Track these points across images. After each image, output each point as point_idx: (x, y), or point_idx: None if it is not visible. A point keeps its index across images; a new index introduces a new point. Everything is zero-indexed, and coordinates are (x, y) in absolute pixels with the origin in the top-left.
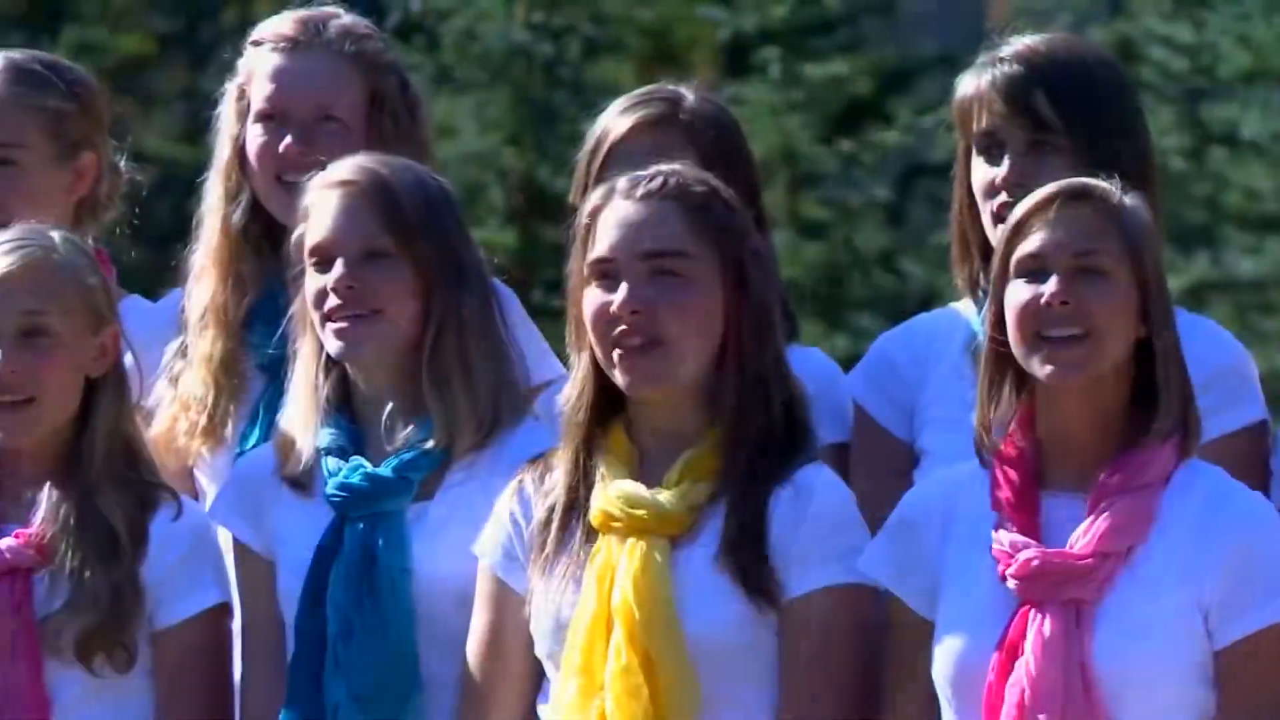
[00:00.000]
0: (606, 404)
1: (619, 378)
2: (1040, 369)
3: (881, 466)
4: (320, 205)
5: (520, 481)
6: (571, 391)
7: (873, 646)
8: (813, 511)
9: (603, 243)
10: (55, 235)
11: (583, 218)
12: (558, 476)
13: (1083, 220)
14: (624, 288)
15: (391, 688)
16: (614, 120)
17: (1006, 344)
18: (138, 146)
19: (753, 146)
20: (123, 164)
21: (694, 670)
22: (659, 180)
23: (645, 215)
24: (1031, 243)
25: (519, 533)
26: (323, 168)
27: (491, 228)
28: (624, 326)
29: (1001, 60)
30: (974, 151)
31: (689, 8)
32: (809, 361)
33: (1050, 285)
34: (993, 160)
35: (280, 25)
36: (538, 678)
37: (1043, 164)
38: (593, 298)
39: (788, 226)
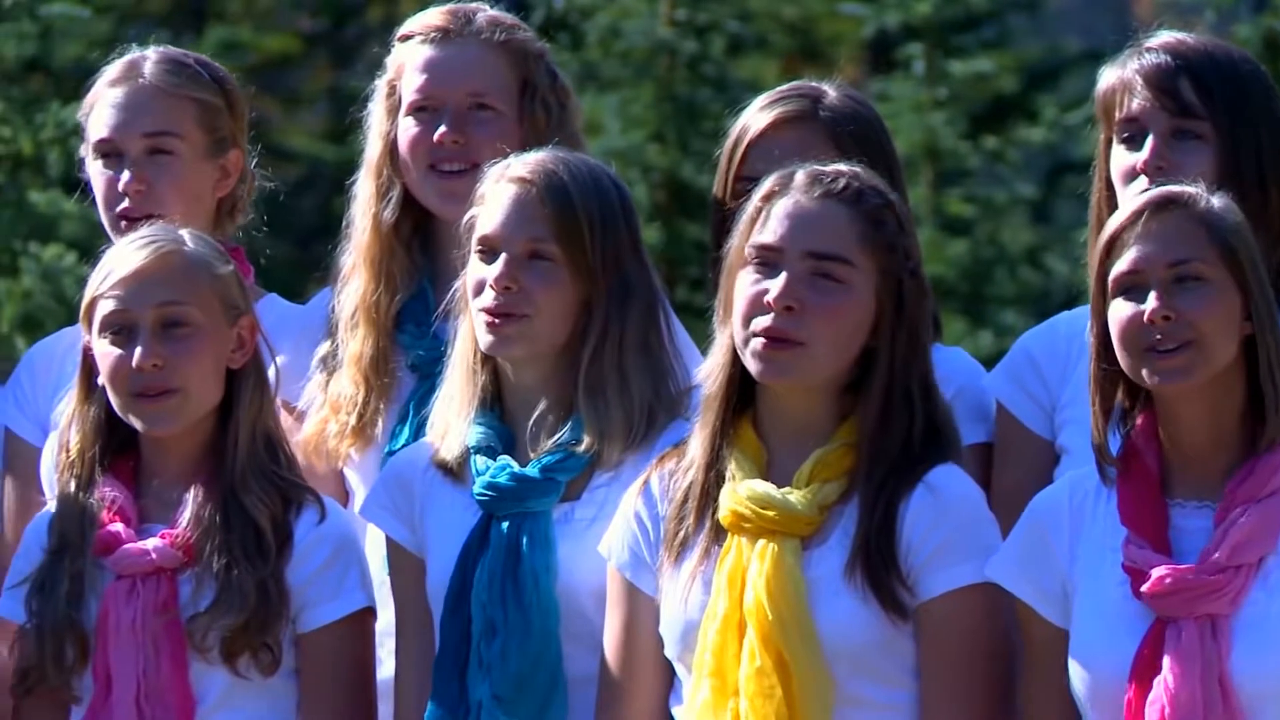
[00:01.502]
0: (741, 389)
1: (751, 364)
2: (1150, 378)
3: (1024, 465)
4: (495, 196)
5: (646, 480)
6: (712, 367)
7: (1012, 645)
8: (947, 512)
9: (771, 231)
10: (183, 231)
11: (756, 200)
12: (694, 456)
13: (1172, 229)
14: (782, 280)
15: (534, 687)
16: (754, 116)
17: (1112, 365)
18: (281, 145)
19: (897, 143)
20: (253, 168)
21: (827, 671)
22: (840, 182)
23: (818, 214)
24: (1125, 260)
25: (645, 533)
26: (504, 156)
27: None
28: (770, 321)
29: (1147, 50)
30: (1115, 140)
31: (833, 4)
32: (953, 361)
33: (1150, 302)
34: (1134, 146)
35: (429, 18)
36: (671, 676)
37: (1184, 151)
38: (747, 281)
39: (932, 223)
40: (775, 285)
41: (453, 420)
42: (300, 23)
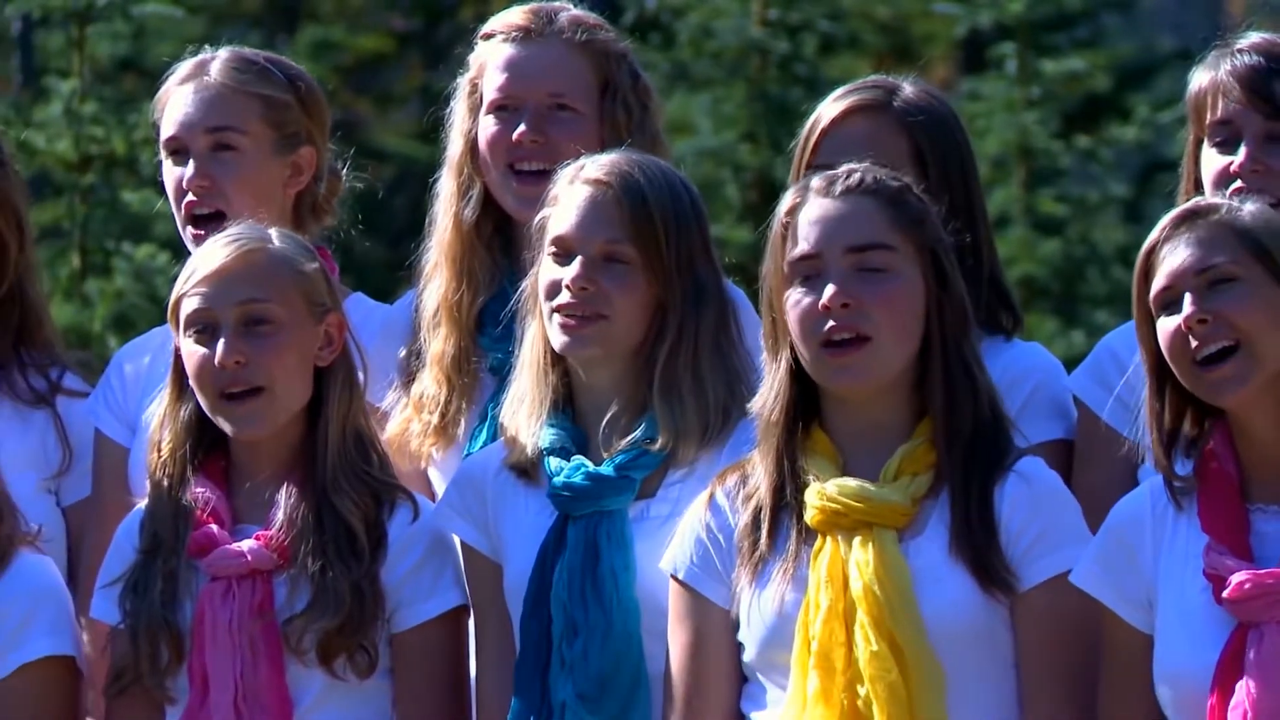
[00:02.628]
0: (803, 406)
1: (826, 376)
2: (1206, 394)
3: (1106, 464)
4: (569, 197)
5: (711, 494)
6: (767, 395)
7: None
8: (1043, 500)
9: (805, 239)
10: (271, 229)
11: (780, 217)
12: (758, 481)
13: (1197, 237)
14: (831, 284)
15: (617, 686)
16: (827, 107)
17: (1163, 396)
18: (375, 145)
19: (989, 142)
20: (342, 168)
21: (936, 656)
22: (855, 176)
23: (846, 210)
24: (1160, 278)
25: (715, 544)
26: (576, 156)
27: (727, 224)
28: (833, 322)
29: (1239, 51)
30: (1206, 142)
31: (926, 3)
32: (1030, 356)
33: (1186, 307)
34: (1226, 149)
35: (511, 17)
36: (740, 686)
37: (1278, 155)
38: (796, 298)
39: (1024, 222)
40: (826, 291)
41: (524, 422)
42: (393, 22)
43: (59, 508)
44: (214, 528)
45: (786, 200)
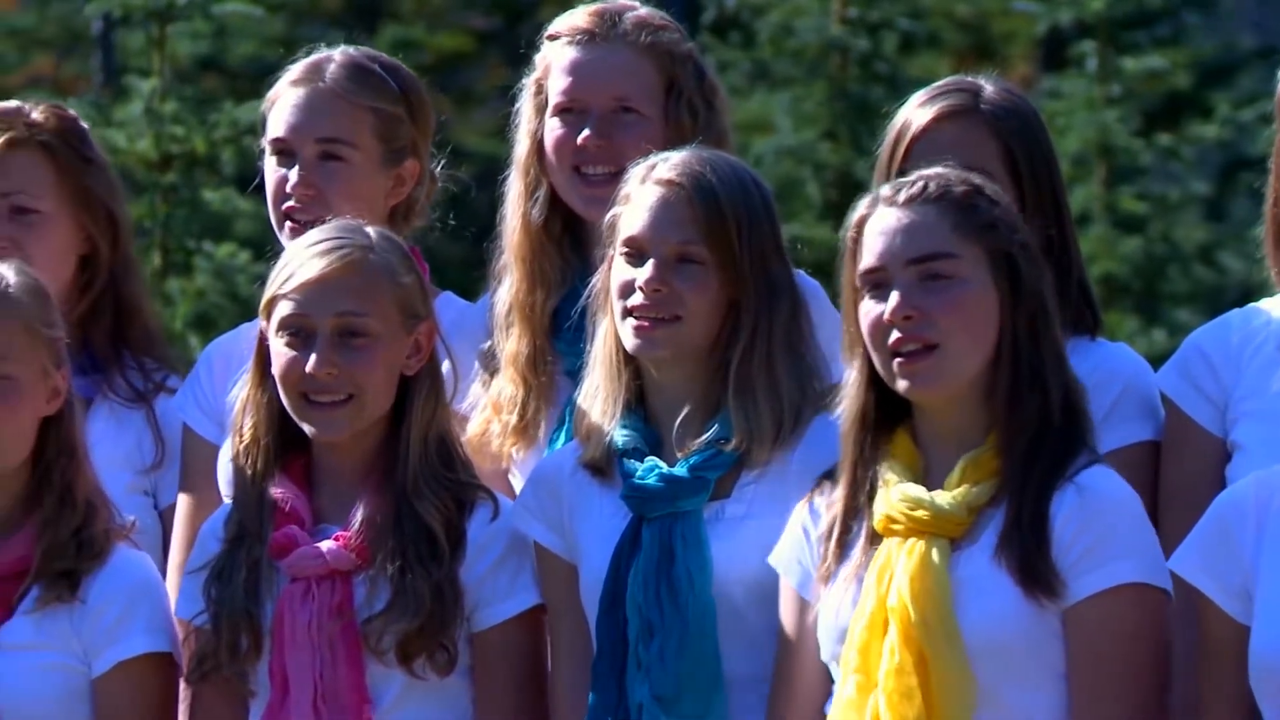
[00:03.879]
0: (888, 412)
1: (900, 384)
2: None
3: (1194, 462)
4: (641, 197)
5: (812, 495)
6: (847, 404)
7: (1164, 647)
8: (1098, 511)
9: (870, 253)
10: (372, 233)
11: (849, 229)
12: (837, 490)
13: None
14: (895, 295)
15: (694, 687)
16: (914, 112)
17: None
18: (455, 143)
19: (1069, 140)
20: (438, 170)
21: (970, 670)
22: (920, 184)
23: (908, 221)
24: None
25: (809, 545)
26: (639, 157)
27: (807, 222)
28: (899, 334)
29: None
30: None
31: (1006, 1)
32: (1118, 357)
33: None
34: None
35: (576, 19)
36: (830, 683)
37: None
38: (866, 309)
39: (1105, 220)
40: (890, 302)
41: (597, 420)
42: (473, 21)
43: (155, 509)
44: (294, 528)
45: (857, 211)
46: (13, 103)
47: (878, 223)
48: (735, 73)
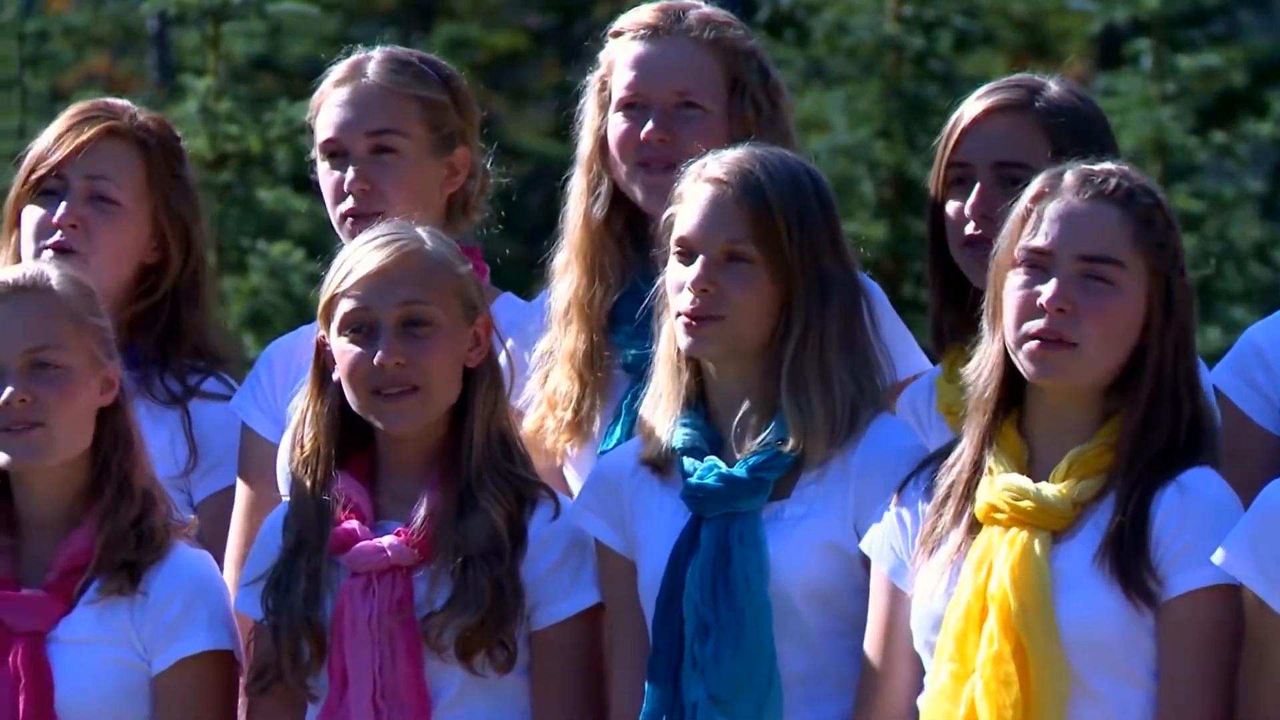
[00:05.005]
0: (1010, 390)
1: (1025, 365)
2: None
3: (1248, 457)
4: (692, 196)
5: (906, 481)
6: (982, 368)
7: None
8: (1196, 511)
9: (1042, 234)
10: (421, 229)
11: (1026, 201)
12: (959, 457)
13: None
14: (1054, 283)
15: (749, 687)
16: (969, 105)
17: None
18: (510, 142)
19: (1124, 138)
20: (489, 165)
21: (1065, 661)
22: (1112, 182)
23: (1089, 216)
24: None
25: (904, 533)
26: (700, 153)
27: (862, 220)
28: (1044, 323)
29: None
30: None
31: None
32: None
33: None
34: None
35: (640, 14)
36: (922, 671)
37: None
38: (1017, 283)
39: None
40: (1047, 289)
41: (659, 420)
42: (528, 19)
43: (190, 506)
44: (355, 524)
45: (1036, 184)
46: (123, 101)
47: (1058, 206)
48: (790, 71)
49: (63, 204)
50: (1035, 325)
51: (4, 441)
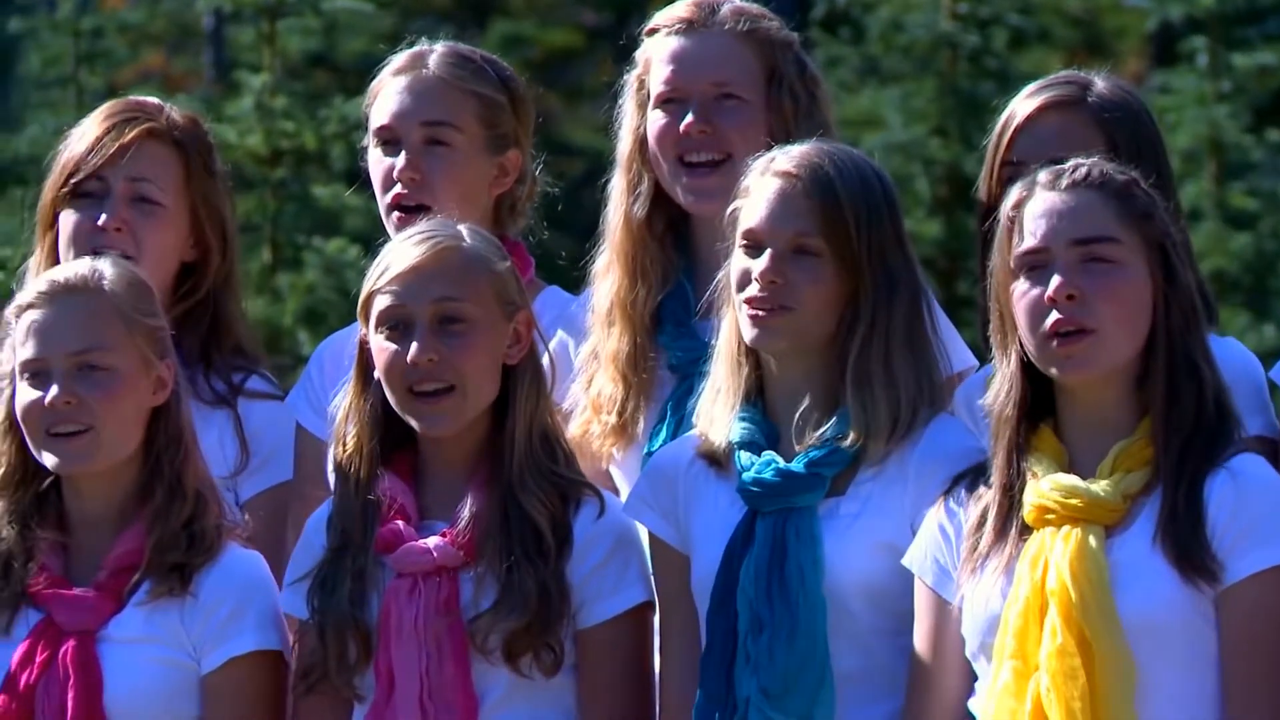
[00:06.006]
0: (1036, 402)
1: (1051, 367)
2: None
3: None
4: (759, 189)
5: (948, 494)
6: (1000, 389)
7: None
8: (1252, 495)
9: (1031, 233)
10: (460, 226)
11: (1006, 212)
12: (990, 479)
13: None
14: (1057, 275)
15: (802, 683)
16: (1021, 103)
17: None
18: (564, 140)
19: (1179, 136)
20: (539, 172)
21: (1130, 652)
22: (1083, 170)
23: (1073, 204)
24: None
25: (948, 544)
26: (763, 147)
27: (917, 218)
28: (1058, 315)
29: None
30: None
31: None
32: (1226, 351)
33: None
34: None
35: (674, 10)
36: (971, 679)
37: None
38: (1023, 291)
39: (1215, 216)
40: (1052, 281)
41: (718, 414)
42: (583, 17)
43: (237, 505)
44: (400, 524)
45: (1014, 194)
46: (154, 99)
47: (1038, 205)
48: (845, 68)
49: (105, 207)
50: (1050, 321)
51: (51, 444)
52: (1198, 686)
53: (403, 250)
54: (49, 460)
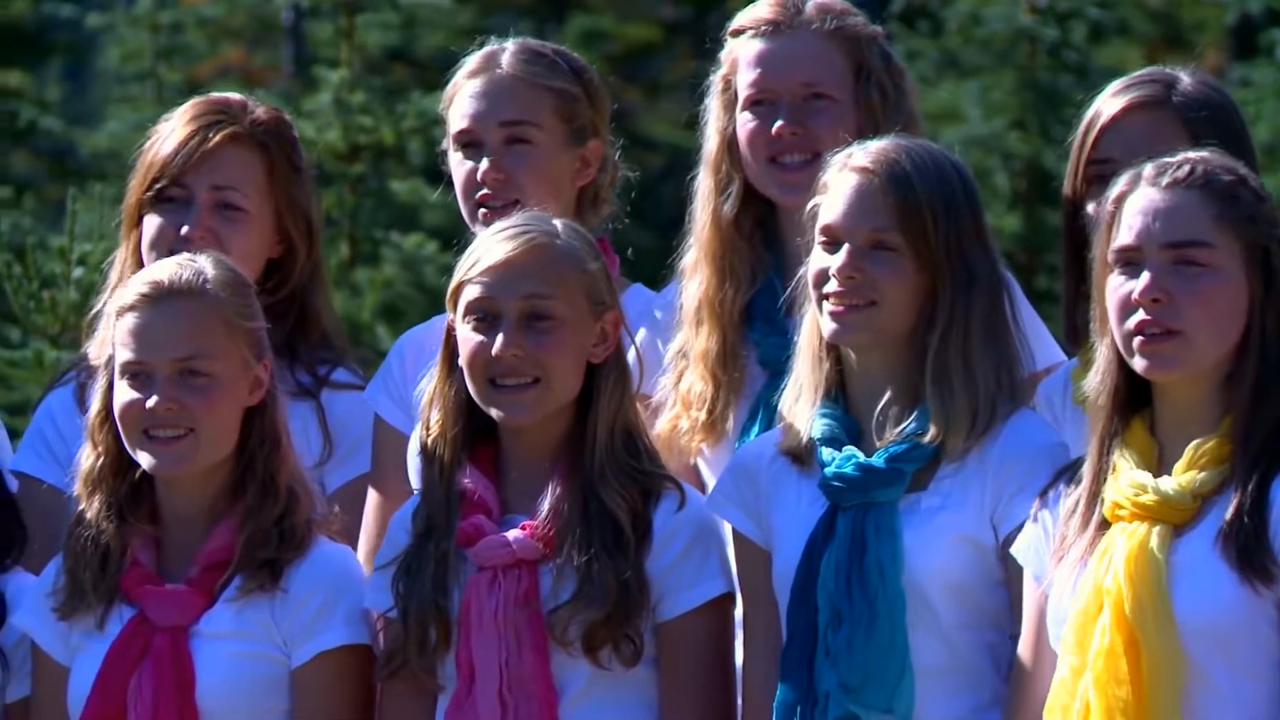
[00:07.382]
0: (1131, 394)
1: (1137, 363)
2: None
3: None
4: (838, 186)
5: (1049, 487)
6: (1095, 378)
7: None
8: None
9: (1127, 231)
10: (556, 222)
11: (1108, 204)
12: (1084, 469)
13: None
14: (1146, 276)
15: (881, 677)
16: (1106, 102)
17: None
18: (644, 134)
19: (1259, 130)
20: (618, 158)
21: (1182, 653)
22: (1186, 168)
23: (1170, 204)
24: None
25: (1046, 536)
26: (845, 143)
27: (996, 212)
28: (1144, 315)
29: None
30: None
31: None
32: None
33: None
34: None
35: (758, 11)
36: None
37: None
38: (1115, 285)
39: None
40: (1140, 282)
41: (799, 409)
42: (662, 11)
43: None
44: (481, 518)
45: (1118, 186)
46: (237, 95)
47: (1138, 201)
48: (923, 62)
49: (189, 215)
50: (1136, 320)
51: (149, 446)
52: (1255, 690)
53: (495, 243)
54: (145, 460)
